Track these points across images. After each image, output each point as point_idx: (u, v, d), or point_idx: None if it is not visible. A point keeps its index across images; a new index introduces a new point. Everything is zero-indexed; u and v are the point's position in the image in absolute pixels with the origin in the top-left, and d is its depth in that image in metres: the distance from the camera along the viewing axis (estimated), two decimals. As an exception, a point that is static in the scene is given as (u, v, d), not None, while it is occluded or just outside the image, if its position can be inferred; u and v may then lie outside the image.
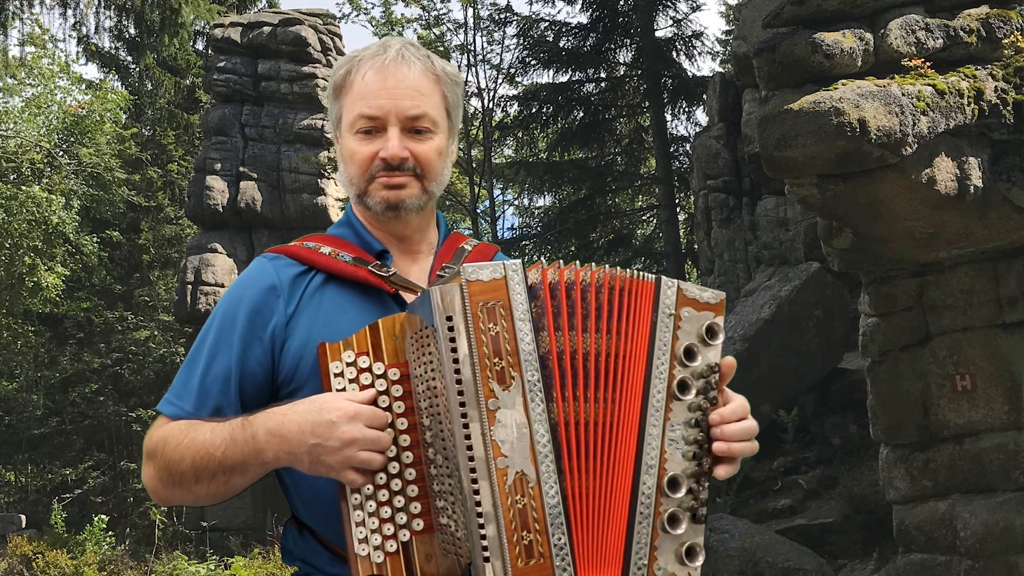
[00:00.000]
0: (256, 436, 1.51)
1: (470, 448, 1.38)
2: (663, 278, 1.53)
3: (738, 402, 1.57)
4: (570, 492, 1.43)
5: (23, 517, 18.07)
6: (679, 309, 1.52)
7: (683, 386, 1.50)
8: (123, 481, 21.71)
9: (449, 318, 1.40)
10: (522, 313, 1.42)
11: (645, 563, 1.45)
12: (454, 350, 1.40)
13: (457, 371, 1.39)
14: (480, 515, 1.38)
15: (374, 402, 1.50)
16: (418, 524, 1.49)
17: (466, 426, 1.39)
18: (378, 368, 1.52)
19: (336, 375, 1.52)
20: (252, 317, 1.66)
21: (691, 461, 1.49)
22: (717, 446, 1.51)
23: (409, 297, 1.68)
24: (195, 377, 1.65)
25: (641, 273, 1.53)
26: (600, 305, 1.50)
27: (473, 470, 1.38)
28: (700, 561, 1.48)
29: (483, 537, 1.37)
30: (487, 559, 1.37)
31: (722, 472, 1.53)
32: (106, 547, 14.69)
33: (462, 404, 1.39)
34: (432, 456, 1.49)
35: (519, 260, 1.47)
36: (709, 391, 1.52)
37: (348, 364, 1.52)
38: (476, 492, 1.38)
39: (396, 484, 1.50)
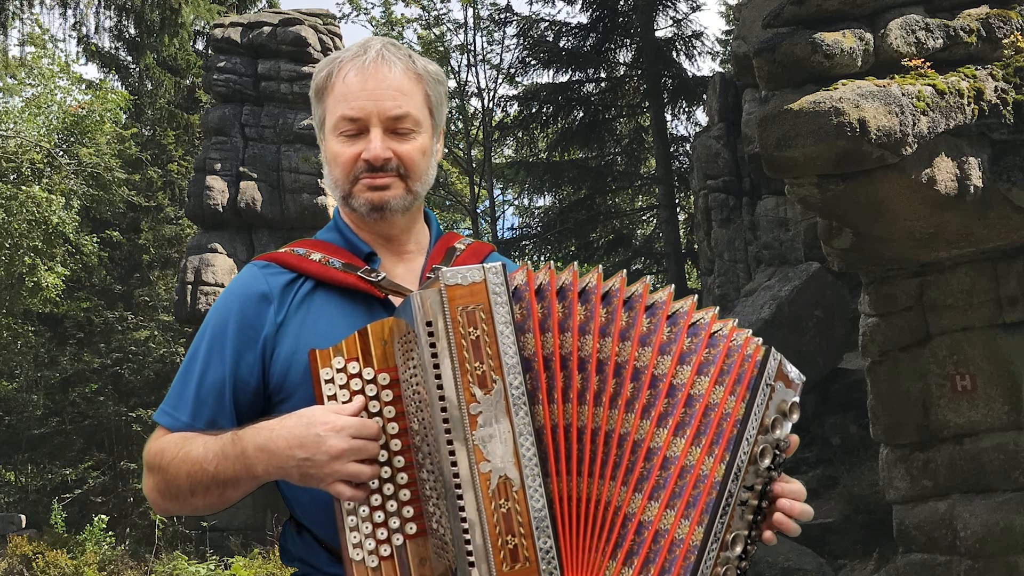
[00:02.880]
0: (246, 451, 1.51)
1: (452, 454, 1.39)
2: (771, 348, 1.57)
3: (799, 485, 1.62)
4: (557, 496, 1.42)
5: (23, 517, 18.05)
6: (775, 381, 1.56)
7: (763, 454, 1.55)
8: (123, 481, 21.70)
9: (429, 323, 1.40)
10: (503, 316, 1.41)
11: None
12: (434, 355, 1.40)
13: (438, 377, 1.40)
14: (464, 520, 1.38)
15: (366, 409, 1.50)
16: (411, 528, 1.49)
17: (448, 431, 1.39)
18: (368, 373, 1.51)
19: (327, 381, 1.51)
20: (244, 325, 1.66)
21: (750, 524, 1.54)
22: (778, 517, 1.56)
23: (399, 301, 1.67)
24: (190, 388, 1.66)
25: (749, 333, 1.56)
26: (635, 317, 1.50)
27: (456, 475, 1.38)
28: None
29: (467, 542, 1.37)
30: (472, 564, 1.37)
31: (768, 536, 1.59)
32: (106, 547, 14.66)
33: (443, 410, 1.39)
34: (422, 460, 1.49)
35: (500, 263, 1.46)
36: (779, 465, 1.57)
37: (338, 370, 1.51)
38: (459, 497, 1.38)
39: (389, 488, 1.50)
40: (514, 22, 19.57)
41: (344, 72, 1.71)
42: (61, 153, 21.01)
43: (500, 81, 20.12)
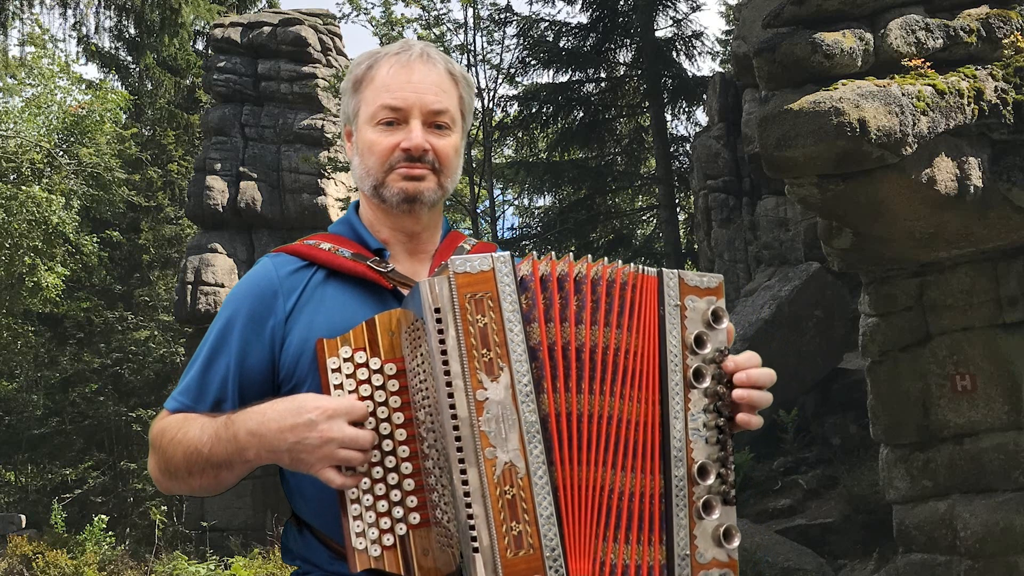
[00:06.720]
0: (237, 436, 1.53)
1: (459, 439, 1.39)
2: (664, 271, 1.56)
3: (749, 353, 1.60)
4: (561, 483, 1.43)
5: (23, 517, 18.05)
6: (683, 299, 1.54)
7: (698, 375, 1.53)
8: (123, 481, 21.71)
9: (437, 310, 1.41)
10: (511, 304, 1.42)
11: (687, 552, 1.49)
12: (442, 342, 1.40)
13: (445, 363, 1.40)
14: (468, 506, 1.38)
15: (371, 398, 1.51)
16: (415, 518, 1.50)
17: (454, 416, 1.39)
18: (375, 363, 1.52)
19: (333, 370, 1.52)
20: (252, 317, 1.68)
21: (715, 446, 1.52)
22: (737, 393, 1.54)
23: (407, 293, 1.68)
24: (196, 376, 1.69)
25: (643, 267, 1.56)
26: (600, 298, 1.51)
27: (462, 460, 1.38)
28: (737, 542, 1.52)
29: (472, 528, 1.37)
30: (476, 550, 1.37)
31: (754, 423, 1.56)
32: (106, 547, 14.66)
33: (450, 396, 1.39)
34: (427, 450, 1.49)
35: (508, 252, 1.47)
36: (722, 376, 1.55)
37: (345, 360, 1.52)
38: (464, 483, 1.38)
39: (393, 478, 1.50)
40: (514, 22, 19.54)
41: (386, 65, 1.76)
42: (61, 153, 21.03)
43: (500, 81, 20.06)
